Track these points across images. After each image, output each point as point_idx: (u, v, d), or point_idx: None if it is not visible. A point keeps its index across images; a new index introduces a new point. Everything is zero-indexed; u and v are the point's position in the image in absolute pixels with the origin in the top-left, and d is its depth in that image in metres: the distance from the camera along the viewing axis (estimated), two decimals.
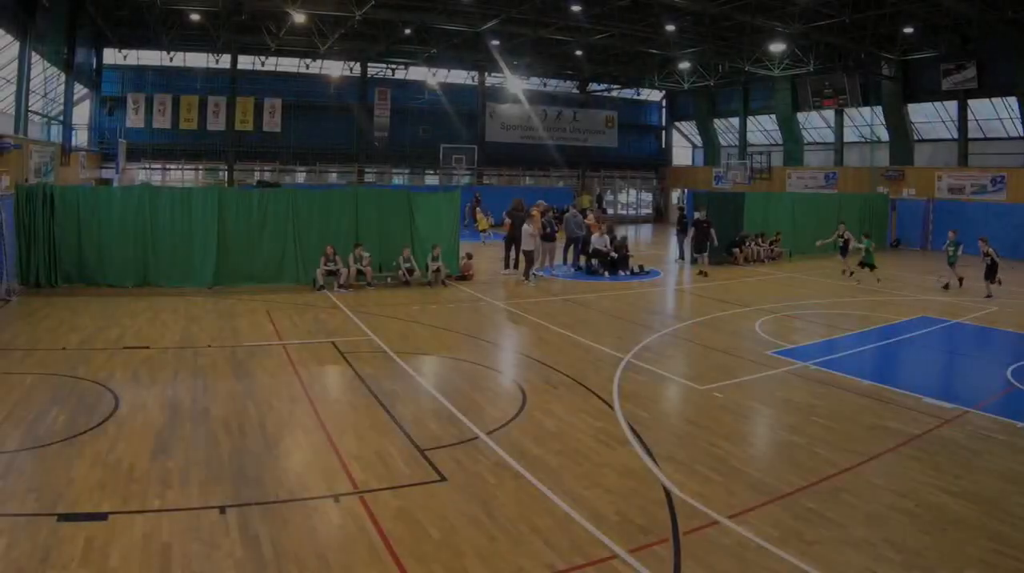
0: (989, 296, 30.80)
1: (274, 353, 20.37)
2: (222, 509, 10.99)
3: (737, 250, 41.16)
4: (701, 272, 36.83)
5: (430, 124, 71.48)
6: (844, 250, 38.88)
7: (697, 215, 38.07)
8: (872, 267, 33.94)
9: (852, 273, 36.77)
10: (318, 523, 10.74)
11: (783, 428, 15.30)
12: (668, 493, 11.85)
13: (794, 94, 65.80)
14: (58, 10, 44.51)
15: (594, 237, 37.20)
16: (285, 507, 11.16)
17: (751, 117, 74.12)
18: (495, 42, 59.55)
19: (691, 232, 39.39)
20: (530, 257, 34.35)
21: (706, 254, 37.78)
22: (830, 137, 67.23)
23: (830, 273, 38.37)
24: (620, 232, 41.02)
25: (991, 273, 31.23)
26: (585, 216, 40.85)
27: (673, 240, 45.61)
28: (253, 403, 16.02)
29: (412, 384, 17.98)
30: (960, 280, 33.56)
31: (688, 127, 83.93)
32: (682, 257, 42.96)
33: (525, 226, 34.24)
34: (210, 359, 19.51)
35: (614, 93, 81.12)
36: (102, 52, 62.44)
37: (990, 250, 30.87)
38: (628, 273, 35.65)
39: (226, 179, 66.21)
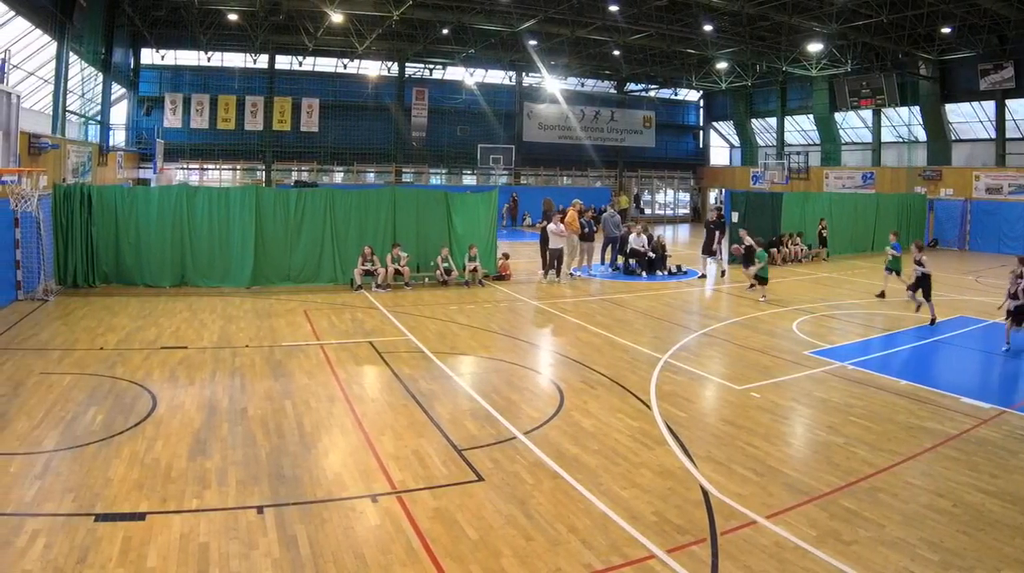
0: (918, 309, 27.03)
1: (312, 353, 20.40)
2: (260, 509, 11.05)
3: (775, 250, 40.96)
4: (702, 276, 36.50)
5: (467, 124, 71.57)
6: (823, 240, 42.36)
7: (708, 216, 37.26)
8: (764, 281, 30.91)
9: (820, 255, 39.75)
10: (356, 523, 10.75)
11: (821, 428, 15.25)
12: (706, 493, 11.86)
13: (831, 94, 65.48)
14: (96, 10, 44.65)
15: (632, 237, 37.10)
16: (323, 507, 11.19)
17: (788, 117, 73.87)
18: (533, 42, 59.66)
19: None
20: (555, 255, 34.31)
21: (717, 258, 37.06)
22: (867, 137, 66.99)
23: (868, 273, 38.16)
24: (656, 231, 40.71)
25: (921, 286, 26.34)
26: (624, 218, 40.78)
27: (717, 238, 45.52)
28: (291, 403, 16.08)
29: (450, 384, 18.00)
30: (882, 293, 31.03)
31: (725, 127, 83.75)
32: (719, 256, 42.83)
33: (551, 225, 34.17)
34: (248, 359, 19.57)
35: (652, 93, 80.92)
36: (139, 52, 62.76)
37: (923, 258, 26.49)
38: (666, 273, 35.50)
39: (263, 179, 66.65)
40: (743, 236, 36.19)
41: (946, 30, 49.71)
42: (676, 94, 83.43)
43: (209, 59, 65.18)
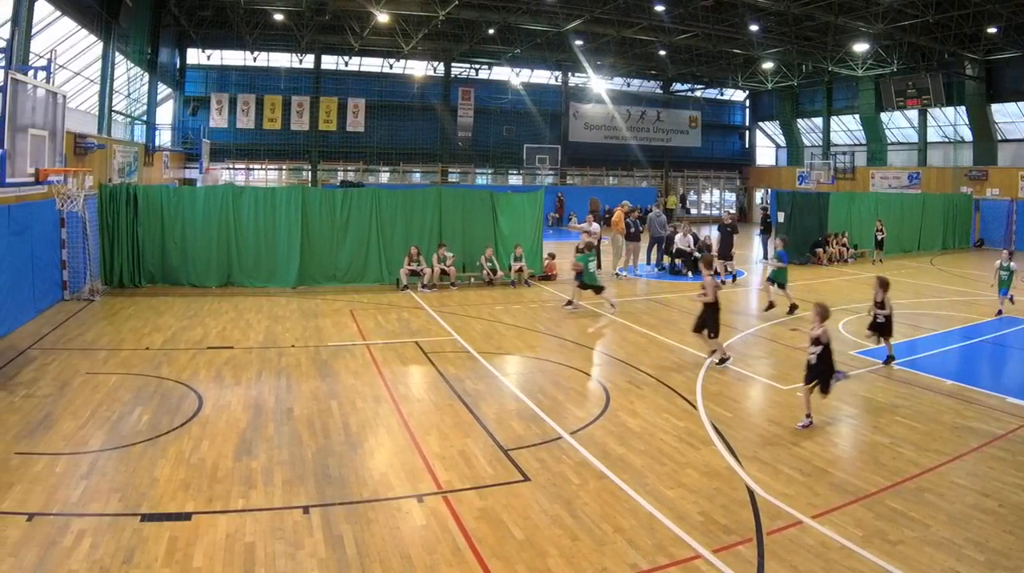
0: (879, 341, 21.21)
1: (358, 353, 20.44)
2: (306, 509, 11.09)
3: (820, 250, 40.78)
4: (722, 281, 33.87)
5: (513, 124, 71.74)
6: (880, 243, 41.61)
7: (724, 218, 36.31)
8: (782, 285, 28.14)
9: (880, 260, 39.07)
10: (402, 523, 10.78)
11: (866, 428, 15.24)
12: (752, 493, 11.86)
13: (877, 94, 65.19)
14: (141, 10, 44.87)
15: (678, 237, 37.00)
16: (369, 507, 11.22)
17: (834, 117, 73.55)
18: (579, 42, 59.77)
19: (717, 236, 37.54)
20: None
21: (732, 263, 35.52)
22: (913, 137, 66.65)
23: (915, 273, 37.98)
24: (703, 232, 40.47)
25: (881, 330, 20.46)
26: (670, 218, 40.59)
27: (757, 240, 45.22)
28: (337, 403, 16.13)
29: (495, 384, 18.06)
30: (770, 304, 27.69)
31: (771, 127, 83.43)
32: (766, 257, 42.60)
33: (582, 224, 34.17)
34: (294, 359, 19.64)
35: (698, 93, 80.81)
36: (185, 52, 63.40)
37: (886, 298, 20.24)
38: (732, 259, 35.35)
39: (310, 179, 66.94)
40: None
41: (992, 30, 49.44)
42: (722, 94, 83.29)
43: (255, 59, 65.64)
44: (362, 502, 11.37)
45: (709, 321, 19.60)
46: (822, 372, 15.26)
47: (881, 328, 20.42)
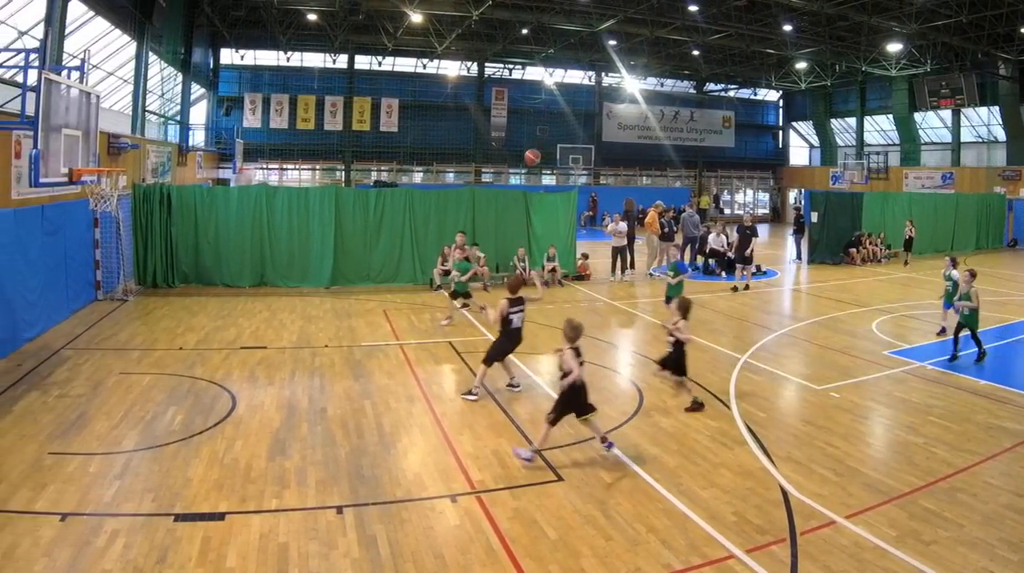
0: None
1: (391, 353, 20.48)
2: (339, 509, 11.18)
3: (854, 250, 40.64)
4: (736, 287, 32.66)
5: (547, 124, 71.41)
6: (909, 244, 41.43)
7: (745, 219, 34.58)
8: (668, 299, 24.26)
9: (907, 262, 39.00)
10: (435, 523, 10.87)
11: (900, 428, 15.21)
12: (785, 493, 11.89)
13: (911, 94, 64.92)
14: (175, 11, 45.02)
15: (711, 237, 36.91)
16: (402, 507, 11.30)
17: (868, 117, 73.22)
18: (612, 42, 59.60)
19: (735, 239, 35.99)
20: (618, 254, 34.52)
21: (751, 266, 33.99)
22: (947, 137, 66.30)
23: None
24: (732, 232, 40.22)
25: (671, 364, 16.66)
26: (703, 218, 40.40)
27: (790, 240, 45.08)
28: (370, 403, 16.22)
29: (529, 384, 18.09)
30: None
31: (805, 127, 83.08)
32: (799, 258, 42.50)
33: (612, 224, 34.15)
34: (327, 359, 19.70)
35: (731, 93, 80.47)
36: (219, 52, 63.53)
37: (679, 322, 16.41)
38: (754, 269, 35.18)
39: (343, 179, 66.98)
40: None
41: None
42: (755, 94, 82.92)
43: (288, 59, 65.72)
44: (396, 502, 11.46)
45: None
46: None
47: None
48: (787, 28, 52.04)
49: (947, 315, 23.57)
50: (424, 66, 69.39)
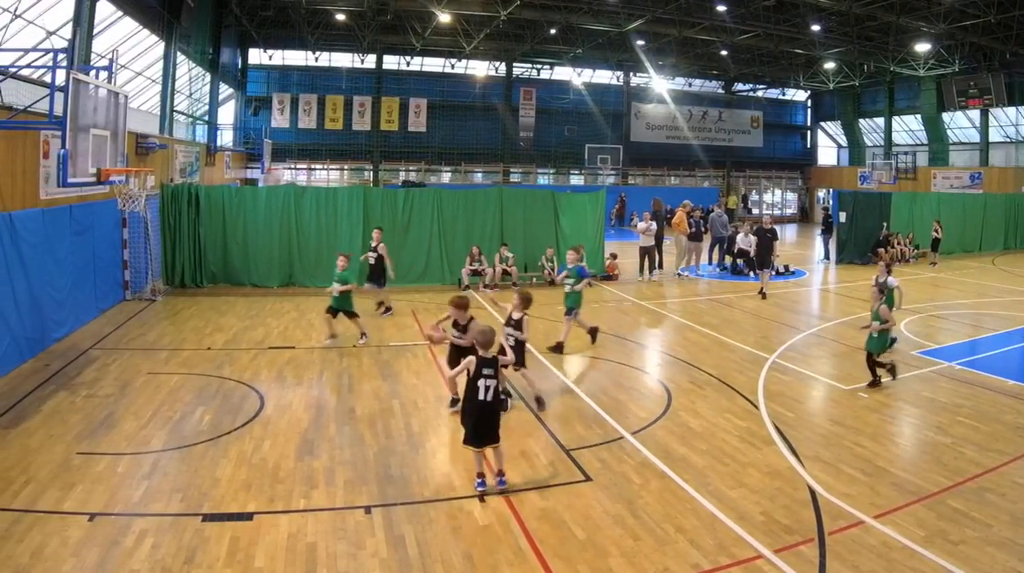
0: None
1: (419, 353, 20.47)
2: (367, 509, 11.19)
3: (882, 250, 40.52)
4: (762, 292, 30.84)
5: (575, 124, 71.57)
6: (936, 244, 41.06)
7: (765, 222, 32.88)
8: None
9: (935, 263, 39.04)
10: (463, 523, 10.86)
11: (928, 428, 15.17)
12: (813, 493, 11.85)
13: (939, 94, 64.66)
14: (203, 11, 45.23)
15: (739, 237, 36.81)
16: (430, 507, 11.32)
17: (896, 117, 72.93)
18: (640, 42, 59.59)
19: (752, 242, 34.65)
20: (646, 253, 34.51)
21: (771, 270, 32.37)
22: (975, 137, 65.99)
23: (977, 274, 37.71)
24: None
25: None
26: (731, 218, 40.20)
27: (818, 240, 44.98)
28: (398, 403, 16.24)
29: (557, 384, 18.10)
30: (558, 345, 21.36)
31: (833, 127, 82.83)
32: (827, 257, 42.39)
33: (640, 224, 34.10)
34: (355, 359, 19.71)
35: (759, 93, 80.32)
36: (247, 52, 64.04)
37: (522, 316, 16.58)
38: (773, 273, 35.12)
39: (371, 179, 67.13)
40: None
41: None
42: (784, 94, 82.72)
43: (317, 59, 66.07)
44: (424, 502, 11.47)
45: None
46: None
47: None
48: (815, 28, 52.02)
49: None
50: (452, 66, 69.69)
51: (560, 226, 33.29)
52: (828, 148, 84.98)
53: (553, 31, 58.59)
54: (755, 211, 76.86)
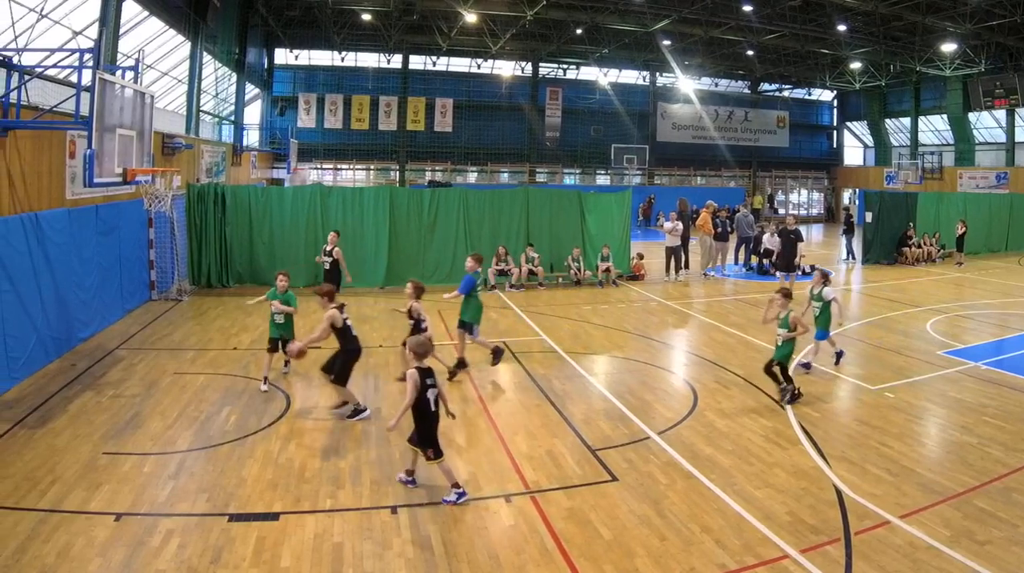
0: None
1: (445, 353, 20.37)
2: (393, 509, 11.26)
3: (906, 249, 40.39)
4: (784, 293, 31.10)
5: (601, 124, 71.40)
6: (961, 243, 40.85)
7: (788, 222, 32.44)
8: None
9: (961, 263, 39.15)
10: (489, 523, 10.91)
11: (954, 428, 15.16)
12: (839, 493, 11.86)
13: (965, 94, 64.30)
14: (229, 11, 45.25)
15: (765, 237, 36.72)
16: (456, 507, 11.35)
17: (922, 117, 72.60)
18: (666, 42, 59.38)
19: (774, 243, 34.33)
20: (672, 253, 34.52)
21: (795, 274, 31.14)
22: (1001, 137, 65.66)
23: (1003, 274, 37.61)
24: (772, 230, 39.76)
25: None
26: (757, 218, 40.10)
27: (842, 240, 44.87)
28: None
29: (583, 384, 18.11)
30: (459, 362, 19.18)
31: (859, 127, 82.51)
32: (851, 257, 42.30)
33: (667, 223, 34.08)
34: (382, 359, 19.80)
35: (785, 93, 80.00)
36: (273, 52, 64.17)
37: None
38: (799, 273, 35.00)
39: (397, 179, 67.22)
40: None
41: None
42: (810, 94, 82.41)
43: (343, 59, 66.12)
44: (450, 502, 11.42)
45: (340, 363, 15.65)
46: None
47: None
48: (841, 28, 51.90)
49: (818, 347, 19.90)
50: (478, 66, 69.69)
51: (586, 226, 33.28)
52: (854, 148, 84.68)
53: (579, 31, 58.57)
54: (781, 211, 76.63)
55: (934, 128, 72.01)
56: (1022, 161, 63.31)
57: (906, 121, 74.12)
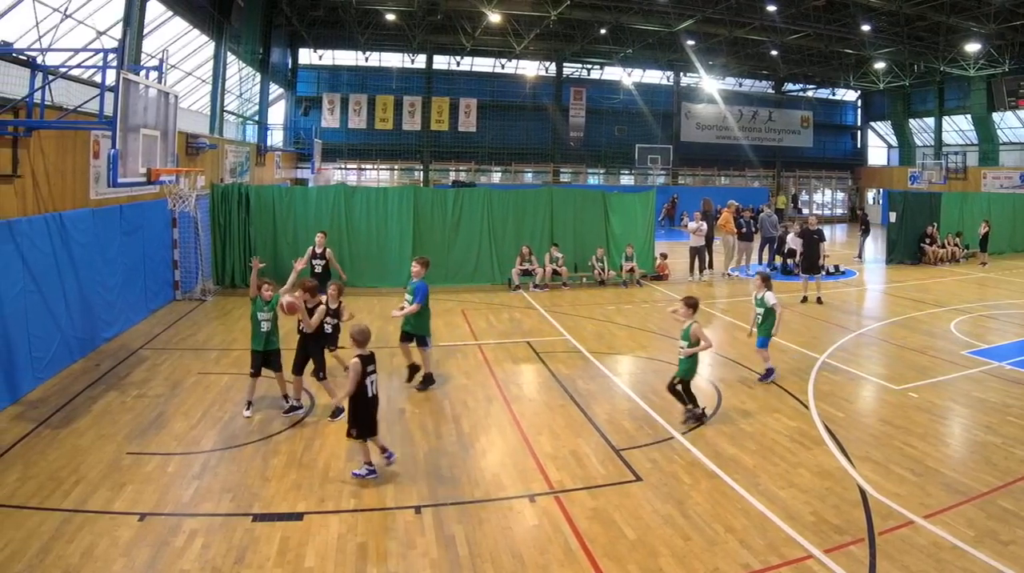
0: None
1: (469, 353, 20.56)
2: (417, 509, 11.30)
3: (927, 247, 40.29)
4: (804, 298, 29.36)
5: (625, 124, 71.36)
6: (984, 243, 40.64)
7: (810, 222, 30.97)
8: None
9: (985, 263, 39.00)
10: (514, 523, 10.94)
11: (978, 428, 15.11)
12: (864, 493, 11.84)
13: (989, 94, 64.08)
14: (253, 11, 45.30)
15: (789, 237, 36.62)
16: (480, 507, 11.40)
17: (946, 117, 72.38)
18: (690, 42, 59.33)
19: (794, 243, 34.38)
20: (696, 254, 34.50)
21: (819, 276, 29.97)
22: None
23: None
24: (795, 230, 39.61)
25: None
26: (781, 218, 40.06)
27: (860, 240, 44.80)
28: (449, 403, 16.40)
29: (607, 384, 18.13)
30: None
31: (883, 127, 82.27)
32: (859, 256, 42.75)
33: (691, 223, 34.02)
34: (407, 359, 19.70)
35: (809, 93, 79.81)
36: (297, 52, 64.30)
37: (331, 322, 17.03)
38: (823, 273, 34.90)
39: (421, 179, 67.46)
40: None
41: None
42: (833, 94, 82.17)
43: (367, 59, 66.39)
44: (474, 502, 11.57)
45: (315, 355, 15.79)
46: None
47: None
48: (865, 28, 51.76)
49: (762, 356, 18.69)
50: (502, 66, 69.74)
51: (610, 226, 33.26)
52: (878, 148, 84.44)
53: (603, 31, 58.52)
54: (804, 211, 76.43)
55: (958, 128, 71.80)
56: None
57: (930, 121, 73.92)
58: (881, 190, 68.18)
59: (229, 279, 29.51)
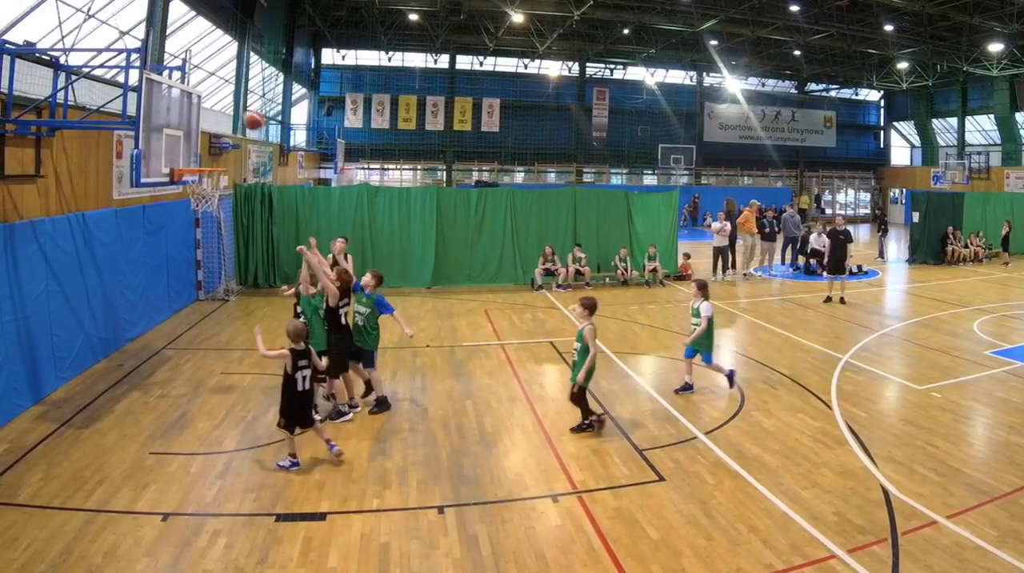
0: None
1: (493, 353, 20.58)
2: (440, 509, 11.30)
3: (950, 248, 40.20)
4: (828, 298, 29.11)
5: (648, 124, 71.18)
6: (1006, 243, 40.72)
7: (837, 222, 30.34)
8: None
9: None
10: (536, 523, 10.93)
11: (1002, 428, 15.06)
12: (886, 493, 11.82)
13: (1012, 94, 63.88)
14: (276, 11, 45.35)
15: (812, 237, 36.57)
16: (503, 507, 11.39)
17: (969, 117, 72.12)
18: (713, 42, 59.27)
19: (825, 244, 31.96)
20: (719, 254, 34.47)
21: (843, 276, 29.47)
22: None
23: None
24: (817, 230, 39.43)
25: None
26: (804, 218, 40.00)
27: (880, 241, 44.71)
28: (472, 403, 16.37)
29: (630, 384, 18.14)
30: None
31: (906, 127, 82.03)
32: (881, 256, 42.92)
33: (714, 224, 33.94)
34: (429, 359, 19.81)
35: (832, 93, 79.57)
36: (320, 52, 64.34)
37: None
38: (848, 274, 34.82)
39: (444, 179, 67.41)
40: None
41: None
42: (856, 94, 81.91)
43: (390, 59, 66.30)
44: (497, 502, 11.57)
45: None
46: None
47: None
48: (888, 28, 51.71)
49: (689, 367, 17.72)
50: (525, 66, 69.76)
51: (633, 226, 33.28)
52: (901, 148, 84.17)
53: (626, 31, 58.47)
54: (827, 211, 76.22)
55: (981, 128, 71.56)
56: None
57: (953, 121, 73.65)
58: (904, 190, 67.92)
59: (252, 279, 29.54)
